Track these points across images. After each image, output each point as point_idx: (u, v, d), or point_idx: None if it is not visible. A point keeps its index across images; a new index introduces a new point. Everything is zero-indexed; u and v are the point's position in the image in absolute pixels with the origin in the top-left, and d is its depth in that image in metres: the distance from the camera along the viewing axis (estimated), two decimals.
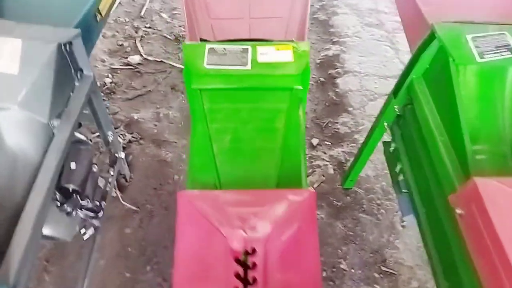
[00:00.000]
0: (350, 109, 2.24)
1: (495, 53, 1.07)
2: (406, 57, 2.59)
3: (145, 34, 2.62)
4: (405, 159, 1.34)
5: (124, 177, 1.83)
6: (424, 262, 1.62)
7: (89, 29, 1.14)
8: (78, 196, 1.33)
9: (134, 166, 1.91)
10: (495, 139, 1.08)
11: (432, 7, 1.23)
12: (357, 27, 2.81)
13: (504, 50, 1.07)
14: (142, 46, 2.52)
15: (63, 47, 1.00)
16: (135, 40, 2.55)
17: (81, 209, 1.35)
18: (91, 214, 1.39)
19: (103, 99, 2.21)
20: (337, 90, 2.35)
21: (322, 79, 2.44)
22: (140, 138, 2.03)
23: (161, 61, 2.45)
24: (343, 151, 2.03)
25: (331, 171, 1.93)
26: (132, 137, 2.03)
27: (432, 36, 1.12)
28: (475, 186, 0.93)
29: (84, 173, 1.37)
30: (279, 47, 1.10)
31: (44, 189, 0.97)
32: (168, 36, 2.62)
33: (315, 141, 2.07)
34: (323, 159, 1.99)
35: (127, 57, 2.44)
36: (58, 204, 1.27)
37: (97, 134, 1.90)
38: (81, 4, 1.10)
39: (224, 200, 0.89)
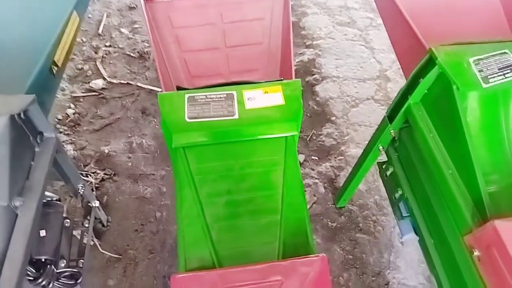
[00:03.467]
0: (333, 118, 2.15)
1: (499, 75, 0.99)
2: (382, 55, 2.53)
3: (106, 54, 2.42)
4: (406, 186, 1.26)
5: (101, 222, 1.67)
6: (427, 279, 1.57)
7: (46, 85, 0.97)
8: (52, 265, 1.18)
9: (111, 208, 1.75)
10: (505, 168, 1.01)
11: (425, 25, 1.13)
12: (329, 27, 2.72)
13: (508, 71, 1.00)
14: (104, 68, 2.32)
15: (16, 117, 0.84)
16: (95, 62, 2.35)
17: (57, 279, 1.20)
18: (70, 282, 1.24)
19: (68, 133, 2.03)
20: (317, 98, 2.25)
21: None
22: (114, 174, 1.87)
23: (127, 83, 2.27)
24: (331, 166, 1.94)
25: (322, 190, 1.85)
26: (105, 174, 1.86)
27: (430, 61, 1.03)
28: (495, 229, 0.86)
29: (56, 239, 1.21)
30: (268, 89, 0.97)
31: (13, 282, 0.83)
32: (132, 54, 2.43)
33: (301, 157, 1.97)
34: (312, 177, 1.90)
35: (89, 82, 2.23)
36: (31, 279, 1.12)
37: None
38: (33, 60, 0.92)
39: (225, 282, 0.78)
